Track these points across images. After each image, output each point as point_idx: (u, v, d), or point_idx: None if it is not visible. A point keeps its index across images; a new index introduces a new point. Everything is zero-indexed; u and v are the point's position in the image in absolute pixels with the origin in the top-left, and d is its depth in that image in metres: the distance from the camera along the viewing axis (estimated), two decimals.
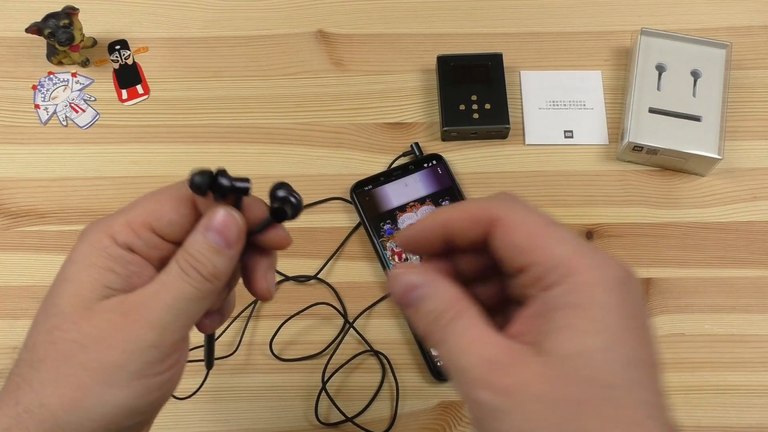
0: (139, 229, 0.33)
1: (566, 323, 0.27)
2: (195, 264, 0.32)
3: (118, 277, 0.32)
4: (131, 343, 0.31)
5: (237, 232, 0.33)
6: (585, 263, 0.28)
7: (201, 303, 0.33)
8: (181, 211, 0.34)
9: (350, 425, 0.59)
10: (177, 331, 0.32)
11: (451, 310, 0.30)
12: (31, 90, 0.72)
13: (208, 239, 0.32)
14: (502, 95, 0.69)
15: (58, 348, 0.31)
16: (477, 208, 0.31)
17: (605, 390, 0.26)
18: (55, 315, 0.32)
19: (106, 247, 0.33)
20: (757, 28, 0.74)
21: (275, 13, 0.76)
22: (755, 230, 0.66)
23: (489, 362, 0.28)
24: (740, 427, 0.59)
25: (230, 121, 0.71)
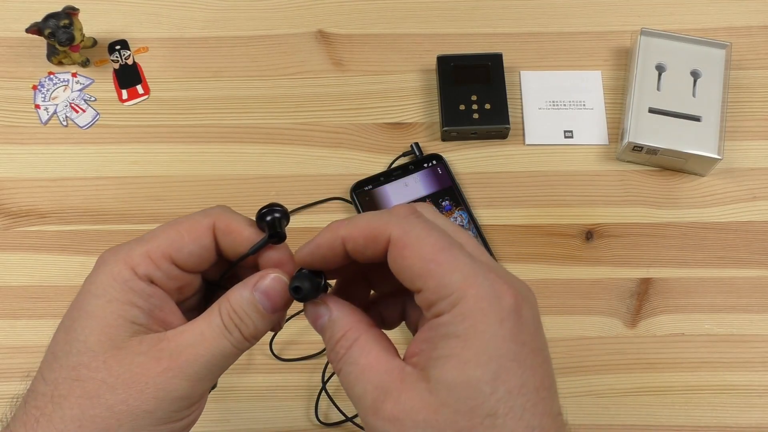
0: (159, 260, 0.33)
1: (451, 352, 0.28)
2: (238, 323, 0.32)
3: (142, 312, 0.32)
4: (163, 391, 0.30)
5: (285, 299, 0.33)
6: (473, 293, 0.28)
7: (235, 359, 0.33)
8: (201, 243, 0.33)
9: (350, 425, 0.59)
10: (208, 383, 0.32)
11: (346, 338, 0.31)
12: (32, 90, 0.72)
13: (255, 300, 0.32)
14: (502, 95, 0.69)
15: (85, 387, 0.30)
16: (373, 225, 0.31)
17: (489, 419, 0.27)
18: (80, 352, 0.31)
19: (127, 281, 0.32)
20: (757, 28, 0.74)
21: (275, 13, 0.76)
22: (755, 230, 0.66)
23: (379, 390, 0.29)
24: (740, 427, 0.59)
25: (230, 121, 0.71)
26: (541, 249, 0.65)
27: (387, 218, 0.31)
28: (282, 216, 0.34)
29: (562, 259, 0.65)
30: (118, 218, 0.66)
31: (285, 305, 0.34)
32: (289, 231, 0.36)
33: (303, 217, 0.67)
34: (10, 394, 0.34)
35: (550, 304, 0.63)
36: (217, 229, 0.34)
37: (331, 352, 0.31)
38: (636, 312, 0.63)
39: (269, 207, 0.34)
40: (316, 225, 0.66)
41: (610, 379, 0.61)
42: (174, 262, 0.33)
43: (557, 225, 0.66)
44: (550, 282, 0.64)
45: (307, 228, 0.66)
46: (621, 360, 0.62)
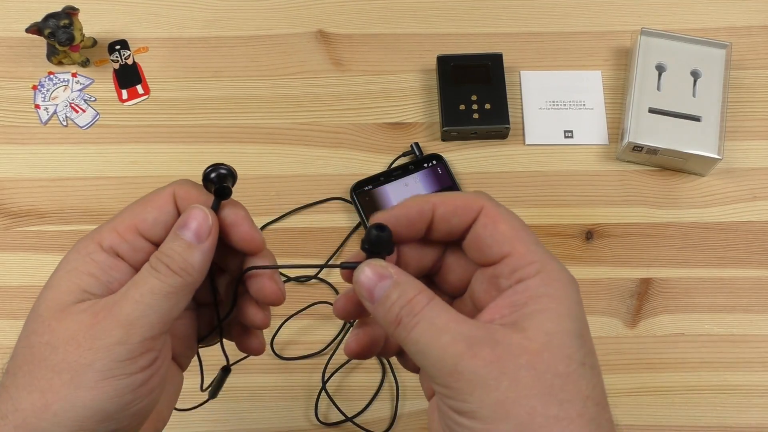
0: (124, 232, 0.33)
1: (545, 307, 0.30)
2: (164, 259, 0.32)
3: (98, 282, 0.32)
4: (98, 340, 0.30)
5: (205, 224, 0.33)
6: (555, 265, 0.32)
7: (171, 299, 0.31)
8: (163, 210, 0.34)
9: (350, 425, 0.59)
10: (146, 328, 0.31)
11: (421, 295, 0.31)
12: (31, 90, 0.72)
13: (179, 235, 0.32)
14: (502, 95, 0.69)
15: (33, 352, 0.31)
16: (464, 196, 0.33)
17: (581, 367, 0.29)
18: (32, 320, 0.32)
19: (91, 253, 0.32)
20: (757, 28, 0.74)
21: (275, 13, 0.76)
22: (755, 230, 0.66)
23: (470, 338, 0.29)
24: (740, 427, 0.59)
25: (230, 121, 0.71)
26: None
27: (477, 193, 0.33)
28: (226, 173, 0.35)
29: (562, 259, 0.64)
30: None
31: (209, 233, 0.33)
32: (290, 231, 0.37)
33: (303, 217, 0.67)
34: None
35: None
36: (177, 197, 0.34)
37: (403, 309, 0.30)
38: (636, 312, 0.63)
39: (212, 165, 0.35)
40: (316, 225, 0.66)
41: (610, 379, 0.61)
42: (140, 233, 0.33)
43: (557, 225, 0.66)
44: None
45: (307, 228, 0.66)
46: (621, 360, 0.62)
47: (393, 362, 0.61)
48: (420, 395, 0.60)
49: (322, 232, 0.66)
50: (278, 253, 0.67)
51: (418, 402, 0.61)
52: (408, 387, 0.61)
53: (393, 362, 0.61)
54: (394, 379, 0.61)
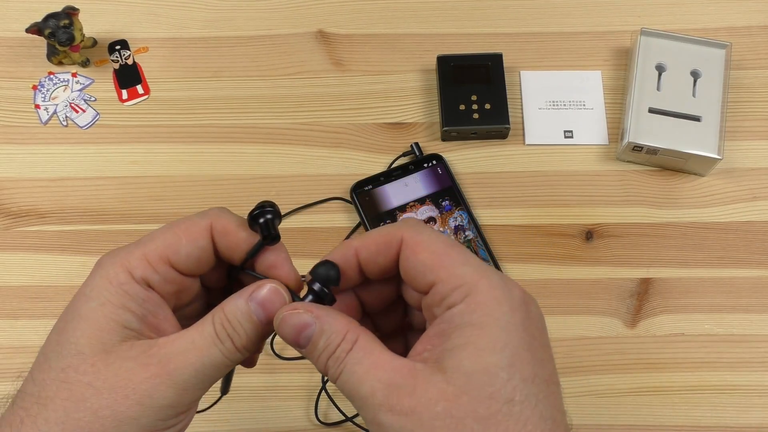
0: (156, 263, 0.32)
1: (467, 341, 0.28)
2: (231, 333, 0.31)
3: (135, 317, 0.31)
4: (149, 398, 0.30)
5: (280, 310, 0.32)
6: (486, 283, 0.29)
7: (226, 369, 0.32)
8: (198, 244, 0.33)
9: (350, 425, 0.59)
10: (197, 393, 0.31)
11: (346, 341, 0.30)
12: (32, 90, 0.72)
13: (250, 310, 0.32)
14: (502, 95, 0.69)
15: (71, 389, 0.30)
16: (384, 233, 0.33)
17: (508, 405, 0.27)
18: (70, 355, 0.31)
19: (123, 284, 0.31)
20: (757, 28, 0.74)
21: (275, 13, 0.76)
22: (755, 230, 0.66)
23: (390, 386, 0.28)
24: (740, 427, 0.59)
25: (230, 121, 0.71)
26: (541, 249, 0.65)
27: (398, 225, 0.32)
28: (274, 216, 0.34)
29: (562, 259, 0.65)
30: (118, 218, 0.66)
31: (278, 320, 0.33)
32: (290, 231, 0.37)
33: (303, 217, 0.67)
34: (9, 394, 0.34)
35: (550, 304, 0.63)
36: (215, 230, 0.33)
37: (331, 357, 0.30)
38: (636, 312, 0.63)
39: (261, 207, 0.34)
40: (316, 225, 0.66)
41: (610, 379, 0.61)
42: (171, 265, 0.32)
43: (557, 225, 0.66)
44: (550, 282, 0.64)
45: (307, 228, 0.66)
46: (621, 360, 0.62)
47: None
48: None
49: (322, 232, 0.66)
50: None
51: None
52: None
53: None
54: None
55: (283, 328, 0.31)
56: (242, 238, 0.34)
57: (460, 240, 0.65)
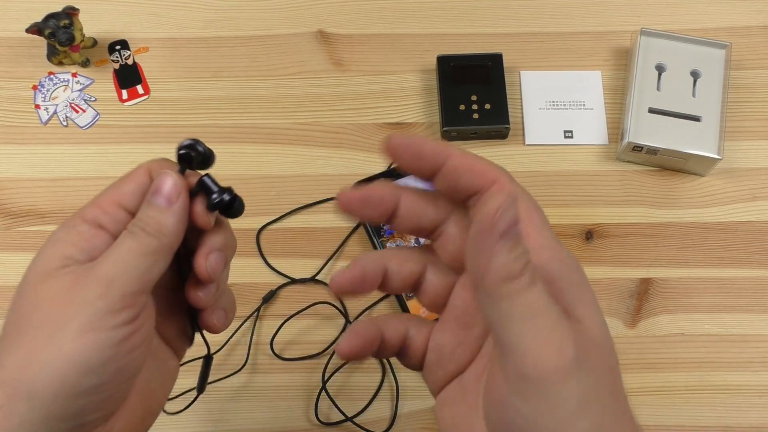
0: (105, 205, 0.34)
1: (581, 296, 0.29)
2: (139, 224, 0.33)
3: (81, 250, 0.33)
4: (78, 296, 0.31)
5: (174, 188, 0.34)
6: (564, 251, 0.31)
7: (149, 259, 0.33)
8: (140, 182, 0.35)
9: (350, 425, 0.59)
10: (126, 284, 0.32)
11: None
12: (32, 90, 0.72)
13: (151, 201, 0.34)
14: (502, 95, 0.69)
15: (19, 314, 0.32)
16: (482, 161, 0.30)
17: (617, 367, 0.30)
18: (20, 288, 0.34)
19: (75, 225, 0.34)
20: (757, 29, 0.74)
21: (275, 13, 0.76)
22: (755, 230, 0.66)
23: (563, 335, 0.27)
24: (740, 427, 0.59)
25: (230, 121, 0.71)
26: None
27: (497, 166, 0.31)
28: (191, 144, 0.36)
29: None
30: None
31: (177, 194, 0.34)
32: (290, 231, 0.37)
33: (303, 217, 0.67)
34: None
35: None
36: (152, 171, 0.36)
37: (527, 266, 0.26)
38: (636, 312, 0.63)
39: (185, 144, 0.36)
40: (316, 225, 0.66)
41: None
42: (120, 205, 0.34)
43: (557, 225, 0.66)
44: None
45: (307, 228, 0.66)
46: (621, 360, 0.61)
47: (393, 362, 0.61)
48: (420, 395, 0.60)
49: (322, 232, 0.66)
50: (278, 253, 0.67)
51: (418, 402, 0.61)
52: (408, 387, 0.61)
53: (393, 362, 0.61)
54: (394, 379, 0.61)
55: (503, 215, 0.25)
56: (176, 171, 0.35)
57: None
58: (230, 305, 0.38)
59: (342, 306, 0.63)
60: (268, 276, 0.64)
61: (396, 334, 0.33)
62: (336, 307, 0.63)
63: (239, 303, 0.38)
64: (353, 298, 0.33)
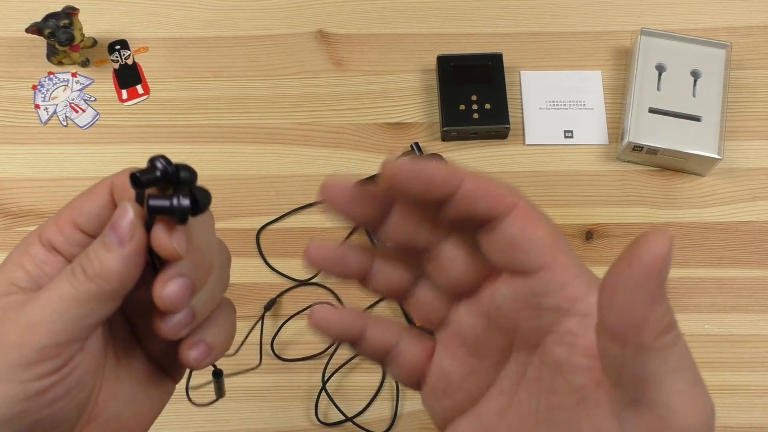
0: (63, 225, 0.30)
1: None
2: (83, 262, 0.28)
3: (28, 276, 0.29)
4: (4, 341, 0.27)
5: (127, 226, 0.28)
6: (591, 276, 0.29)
7: (83, 307, 0.28)
8: (99, 202, 0.31)
9: (350, 425, 0.59)
10: (48, 335, 0.28)
11: None
12: (31, 90, 0.72)
13: (104, 237, 0.29)
14: (502, 95, 0.69)
15: None
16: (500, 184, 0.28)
17: None
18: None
19: (30, 245, 0.30)
20: (757, 28, 0.74)
21: (275, 13, 0.76)
22: (755, 230, 0.66)
23: None
24: (740, 427, 0.59)
25: (230, 121, 0.71)
26: None
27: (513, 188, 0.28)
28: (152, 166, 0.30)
29: None
30: None
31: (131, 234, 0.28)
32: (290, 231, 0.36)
33: (303, 217, 0.67)
34: None
35: None
36: (114, 187, 0.31)
37: None
38: None
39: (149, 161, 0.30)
40: (316, 225, 0.66)
41: None
42: (78, 227, 0.30)
43: (557, 225, 0.66)
44: None
45: (307, 228, 0.66)
46: None
47: None
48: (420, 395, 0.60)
49: (322, 232, 0.66)
50: (278, 253, 0.67)
51: (419, 402, 0.60)
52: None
53: None
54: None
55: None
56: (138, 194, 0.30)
57: None
58: (218, 337, 0.32)
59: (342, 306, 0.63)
60: (268, 276, 0.64)
61: (382, 338, 0.31)
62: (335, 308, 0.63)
63: (238, 304, 0.37)
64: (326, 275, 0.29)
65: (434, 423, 0.31)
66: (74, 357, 0.29)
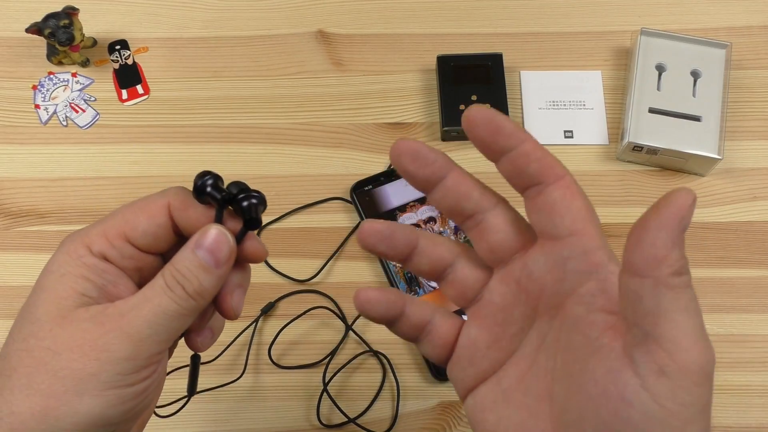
0: (114, 238, 0.33)
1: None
2: (181, 280, 0.32)
3: (94, 286, 0.32)
4: (105, 353, 0.30)
5: (228, 252, 0.32)
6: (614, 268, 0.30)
7: (182, 320, 0.32)
8: (156, 221, 0.33)
9: (349, 425, 0.59)
10: (154, 346, 0.31)
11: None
12: (31, 90, 0.72)
13: (198, 257, 0.32)
14: (502, 95, 0.69)
15: (32, 356, 0.30)
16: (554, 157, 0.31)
17: None
18: (30, 323, 0.32)
19: (81, 257, 0.32)
20: (757, 28, 0.74)
21: (275, 13, 0.76)
22: (755, 230, 0.66)
23: None
24: (740, 427, 0.59)
25: (230, 121, 0.71)
26: None
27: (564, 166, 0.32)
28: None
29: None
30: None
31: (229, 258, 0.33)
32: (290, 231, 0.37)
33: (303, 217, 0.67)
34: None
35: None
36: (173, 207, 0.33)
37: None
38: None
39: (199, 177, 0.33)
40: (316, 225, 0.66)
41: None
42: (129, 241, 0.33)
43: None
44: None
45: (307, 228, 0.66)
46: None
47: (393, 362, 0.61)
48: (420, 395, 0.60)
49: (322, 232, 0.66)
50: (278, 253, 0.67)
51: (419, 402, 0.61)
52: (408, 387, 0.61)
53: (393, 362, 0.61)
54: (395, 379, 0.61)
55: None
56: (201, 212, 0.33)
57: (460, 240, 0.65)
58: (217, 322, 0.37)
59: (339, 310, 0.63)
60: (267, 276, 0.64)
61: (420, 315, 0.33)
62: (334, 312, 0.63)
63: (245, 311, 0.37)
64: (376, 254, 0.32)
65: (458, 392, 0.33)
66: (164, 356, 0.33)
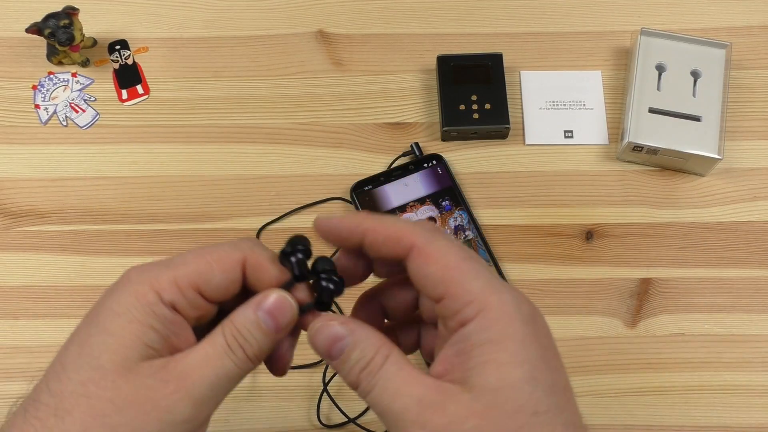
0: (185, 288, 0.32)
1: (488, 358, 0.29)
2: (242, 342, 0.32)
3: (159, 337, 0.32)
4: (169, 414, 0.30)
5: (290, 318, 0.33)
6: (496, 299, 0.30)
7: (238, 381, 0.32)
8: (230, 276, 0.33)
9: (352, 426, 0.59)
10: (212, 407, 0.32)
11: (378, 355, 0.31)
12: (31, 90, 0.72)
13: (259, 319, 0.32)
14: (502, 95, 0.69)
15: (91, 403, 0.30)
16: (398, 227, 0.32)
17: (534, 417, 0.28)
18: (92, 369, 0.31)
19: (152, 304, 0.32)
20: (757, 28, 0.74)
21: (275, 13, 0.76)
22: (755, 230, 0.66)
23: (422, 403, 0.29)
24: (740, 427, 0.59)
25: (230, 121, 0.71)
26: (541, 249, 0.65)
27: (412, 227, 0.32)
28: (305, 255, 0.35)
29: (562, 259, 0.65)
30: (118, 218, 0.66)
31: (289, 325, 0.33)
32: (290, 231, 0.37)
33: (303, 217, 0.67)
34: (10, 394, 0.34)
35: (550, 304, 0.63)
36: (248, 264, 0.34)
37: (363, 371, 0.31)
38: (636, 312, 0.63)
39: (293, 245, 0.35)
40: None
41: (610, 379, 0.61)
42: (200, 292, 0.33)
43: (557, 225, 0.66)
44: (550, 282, 0.64)
45: (308, 228, 0.66)
46: (621, 360, 0.62)
47: None
48: None
49: None
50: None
51: None
52: None
53: None
54: None
55: (317, 339, 0.33)
56: (274, 275, 0.34)
57: (460, 240, 0.65)
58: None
59: (339, 310, 0.63)
60: None
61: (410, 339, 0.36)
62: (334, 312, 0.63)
63: None
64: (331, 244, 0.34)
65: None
66: None
